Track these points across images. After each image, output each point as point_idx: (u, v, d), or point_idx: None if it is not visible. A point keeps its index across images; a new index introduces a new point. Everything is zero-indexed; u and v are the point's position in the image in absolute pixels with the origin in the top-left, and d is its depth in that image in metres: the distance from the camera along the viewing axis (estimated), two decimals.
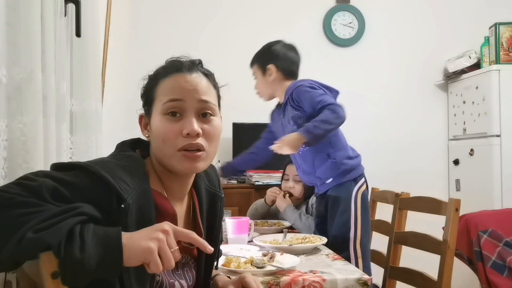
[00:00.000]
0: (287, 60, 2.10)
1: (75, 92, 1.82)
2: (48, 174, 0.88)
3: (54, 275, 0.77)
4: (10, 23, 1.29)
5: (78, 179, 0.89)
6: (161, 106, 1.04)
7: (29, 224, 0.77)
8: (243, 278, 1.12)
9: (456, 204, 1.70)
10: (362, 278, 1.39)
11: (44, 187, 0.84)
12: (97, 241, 0.80)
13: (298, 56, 2.16)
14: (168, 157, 1.03)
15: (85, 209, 0.84)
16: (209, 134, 1.05)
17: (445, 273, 1.67)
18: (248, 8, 3.47)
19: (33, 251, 0.77)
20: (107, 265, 0.80)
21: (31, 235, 0.76)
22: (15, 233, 0.76)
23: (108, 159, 0.99)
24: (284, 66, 2.09)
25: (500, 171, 3.00)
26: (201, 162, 1.04)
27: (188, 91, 1.04)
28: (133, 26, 3.33)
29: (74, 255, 0.77)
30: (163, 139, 1.03)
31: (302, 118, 2.02)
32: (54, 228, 0.78)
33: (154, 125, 1.05)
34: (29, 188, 0.83)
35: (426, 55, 3.58)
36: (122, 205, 0.89)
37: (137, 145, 1.11)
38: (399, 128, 3.53)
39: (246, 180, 3.10)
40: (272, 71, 2.08)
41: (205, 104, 1.05)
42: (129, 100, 3.31)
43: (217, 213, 1.19)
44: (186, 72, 1.06)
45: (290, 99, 2.03)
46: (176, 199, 1.10)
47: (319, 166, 2.06)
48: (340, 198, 2.03)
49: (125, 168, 0.95)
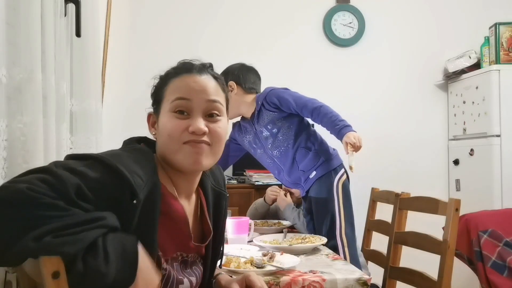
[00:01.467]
0: (246, 77, 2.25)
1: (75, 92, 1.82)
2: (69, 167, 0.87)
3: (54, 275, 0.77)
4: (10, 23, 1.29)
5: (96, 173, 0.88)
6: (169, 104, 1.06)
7: (51, 226, 0.77)
8: (247, 276, 1.13)
9: (456, 204, 1.70)
10: (362, 278, 1.39)
11: (69, 186, 0.83)
12: (117, 254, 0.82)
13: (257, 77, 2.30)
14: (173, 152, 1.04)
15: (109, 222, 0.85)
16: (215, 133, 1.07)
17: (445, 273, 1.67)
18: (248, 9, 3.47)
19: (48, 253, 0.76)
20: (123, 280, 0.82)
21: (50, 239, 0.76)
22: (34, 230, 0.76)
23: (120, 152, 0.99)
24: (244, 83, 2.24)
25: (500, 171, 3.00)
26: (205, 158, 1.05)
27: (196, 91, 1.06)
28: (133, 26, 3.33)
29: (99, 268, 0.78)
30: (168, 134, 1.04)
31: (279, 118, 2.18)
32: (75, 237, 0.78)
33: (161, 122, 1.07)
34: (56, 189, 0.82)
35: (426, 55, 3.58)
36: (134, 201, 0.90)
37: (143, 143, 1.12)
38: (399, 128, 3.52)
39: (246, 180, 3.10)
40: (233, 87, 2.22)
41: (212, 104, 1.07)
42: (129, 100, 3.33)
43: (222, 212, 1.20)
44: (195, 73, 1.08)
45: (265, 104, 2.16)
46: (183, 196, 1.11)
47: (302, 159, 2.18)
48: (322, 198, 2.12)
49: (137, 161, 0.96)
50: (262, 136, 2.21)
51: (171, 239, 1.03)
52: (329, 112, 2.08)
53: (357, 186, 2.44)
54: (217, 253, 1.21)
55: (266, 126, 2.18)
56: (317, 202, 2.14)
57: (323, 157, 2.17)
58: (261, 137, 2.22)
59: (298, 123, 2.19)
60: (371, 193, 2.53)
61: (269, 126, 2.18)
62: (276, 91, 2.16)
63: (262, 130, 2.20)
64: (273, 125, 2.17)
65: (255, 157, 2.36)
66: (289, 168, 2.21)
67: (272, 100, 2.14)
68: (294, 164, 2.19)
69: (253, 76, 2.27)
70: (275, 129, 2.17)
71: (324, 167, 2.16)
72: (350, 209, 2.15)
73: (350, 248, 2.07)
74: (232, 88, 2.21)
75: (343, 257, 1.99)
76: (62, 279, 0.78)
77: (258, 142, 2.25)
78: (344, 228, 2.09)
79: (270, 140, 2.20)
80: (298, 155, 2.18)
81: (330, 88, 3.41)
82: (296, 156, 2.18)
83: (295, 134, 2.18)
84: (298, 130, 2.19)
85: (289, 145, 2.18)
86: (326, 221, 2.09)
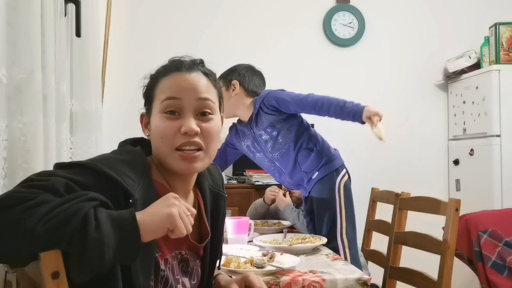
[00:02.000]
0: (251, 81, 2.21)
1: (75, 92, 1.82)
2: (55, 174, 0.87)
3: (54, 275, 0.77)
4: (10, 23, 1.29)
5: (84, 177, 0.88)
6: (160, 104, 1.04)
7: (39, 213, 0.76)
8: (246, 277, 1.12)
9: (456, 204, 1.70)
10: (362, 278, 1.39)
11: (57, 184, 0.83)
12: (112, 221, 0.80)
13: (261, 81, 2.25)
14: (165, 156, 1.03)
15: (94, 195, 0.84)
16: (208, 133, 1.04)
17: (445, 273, 1.67)
18: (249, 9, 3.47)
19: (48, 244, 0.76)
20: (126, 244, 0.81)
21: (41, 228, 0.75)
22: (26, 221, 0.75)
23: (109, 155, 0.99)
24: (248, 85, 2.19)
25: (500, 171, 3.00)
26: (199, 162, 1.04)
27: (186, 90, 1.04)
28: (133, 26, 3.33)
29: (90, 235, 0.76)
30: (161, 136, 1.03)
31: (279, 121, 2.14)
32: (65, 214, 0.77)
33: (153, 123, 1.06)
34: (42, 186, 0.82)
35: (426, 55, 3.58)
36: (131, 200, 0.90)
37: (139, 144, 1.11)
38: (399, 128, 3.52)
39: (246, 180, 3.10)
40: (236, 86, 2.17)
41: (203, 102, 1.05)
42: (129, 100, 3.32)
43: (220, 212, 1.19)
44: (185, 71, 1.06)
45: (263, 107, 2.13)
46: (180, 196, 1.10)
47: (304, 161, 2.15)
48: (323, 199, 2.10)
49: (126, 163, 0.95)
50: (261, 140, 2.19)
51: (168, 237, 1.02)
52: (332, 100, 2.03)
53: (357, 186, 2.44)
54: (216, 254, 1.20)
55: (265, 129, 2.16)
56: (319, 203, 2.12)
57: (326, 157, 2.15)
58: (260, 141, 2.20)
59: (298, 125, 2.18)
60: (371, 193, 2.53)
61: (269, 129, 2.15)
62: (274, 93, 2.13)
63: (261, 133, 2.18)
64: (272, 128, 2.15)
65: (254, 161, 2.34)
66: (291, 170, 2.19)
67: (271, 103, 2.12)
68: (296, 166, 2.17)
69: (258, 80, 2.23)
70: (275, 132, 2.15)
71: (326, 167, 2.14)
72: (352, 209, 2.14)
73: (350, 249, 2.07)
74: (235, 88, 2.17)
75: (344, 258, 1.99)
76: (62, 279, 0.77)
77: (257, 145, 2.23)
78: (345, 228, 2.08)
79: (270, 143, 2.18)
80: (300, 156, 2.15)
81: (330, 88, 3.37)
82: (298, 158, 2.16)
83: (295, 136, 2.16)
84: (299, 131, 2.17)
85: (290, 147, 2.16)
86: (327, 221, 2.08)
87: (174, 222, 0.86)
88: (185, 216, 0.88)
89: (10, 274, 1.10)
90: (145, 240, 0.84)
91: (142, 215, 0.85)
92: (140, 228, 0.82)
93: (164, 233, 0.87)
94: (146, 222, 0.84)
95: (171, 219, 0.86)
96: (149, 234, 0.85)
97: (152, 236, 0.86)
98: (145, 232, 0.83)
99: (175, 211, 0.86)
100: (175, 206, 0.88)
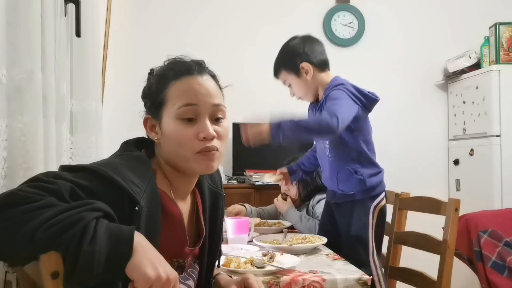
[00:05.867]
0: (315, 51, 1.95)
1: (75, 92, 1.82)
2: (61, 176, 0.87)
3: (54, 275, 0.77)
4: (10, 23, 1.29)
5: (90, 182, 0.88)
6: (176, 110, 1.04)
7: (41, 218, 0.76)
8: (246, 279, 1.12)
9: (456, 204, 1.70)
10: (362, 278, 1.39)
11: (63, 188, 0.83)
12: (109, 235, 0.79)
13: (321, 44, 2.02)
14: (185, 160, 1.04)
15: (99, 205, 0.84)
16: (221, 135, 1.08)
17: (445, 273, 1.67)
18: (249, 9, 3.47)
19: (46, 250, 0.76)
20: (116, 258, 0.79)
21: (41, 234, 0.75)
22: (28, 223, 0.76)
23: (116, 160, 0.99)
24: (316, 59, 1.94)
25: (500, 171, 3.00)
26: (216, 161, 1.07)
27: (202, 95, 1.05)
28: (133, 26, 3.33)
29: (83, 248, 0.75)
30: (179, 143, 1.04)
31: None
32: (67, 222, 0.77)
33: (167, 129, 1.05)
34: (48, 189, 0.82)
35: (426, 55, 3.58)
36: (136, 207, 0.90)
37: (142, 145, 1.12)
38: (399, 128, 3.52)
39: (246, 180, 3.10)
40: (309, 68, 1.92)
41: (217, 107, 1.07)
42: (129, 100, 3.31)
43: (219, 212, 1.20)
44: (197, 75, 1.07)
45: (325, 99, 1.88)
46: (180, 198, 1.11)
47: (344, 181, 1.92)
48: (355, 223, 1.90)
49: (133, 170, 0.96)
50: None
51: (168, 244, 1.01)
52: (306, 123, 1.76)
53: None
54: (214, 253, 1.21)
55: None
56: (349, 225, 1.91)
57: (368, 186, 1.90)
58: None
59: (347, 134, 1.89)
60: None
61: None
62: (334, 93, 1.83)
63: None
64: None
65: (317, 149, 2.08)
66: (329, 180, 1.98)
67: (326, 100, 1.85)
68: (335, 182, 1.94)
69: (318, 47, 1.96)
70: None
71: (365, 193, 1.92)
72: (382, 234, 1.97)
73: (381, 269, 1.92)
74: (307, 71, 1.91)
75: (377, 280, 1.87)
76: (61, 279, 0.77)
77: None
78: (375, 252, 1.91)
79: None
80: (341, 174, 1.91)
81: None
82: (339, 175, 1.92)
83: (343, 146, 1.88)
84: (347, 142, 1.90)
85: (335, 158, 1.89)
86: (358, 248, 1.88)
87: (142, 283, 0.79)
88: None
89: (10, 274, 1.10)
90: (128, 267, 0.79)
91: (142, 244, 0.82)
92: (134, 250, 0.80)
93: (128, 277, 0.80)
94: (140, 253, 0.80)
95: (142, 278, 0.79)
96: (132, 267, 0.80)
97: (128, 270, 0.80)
98: (133, 260, 0.79)
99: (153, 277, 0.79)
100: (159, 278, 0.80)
